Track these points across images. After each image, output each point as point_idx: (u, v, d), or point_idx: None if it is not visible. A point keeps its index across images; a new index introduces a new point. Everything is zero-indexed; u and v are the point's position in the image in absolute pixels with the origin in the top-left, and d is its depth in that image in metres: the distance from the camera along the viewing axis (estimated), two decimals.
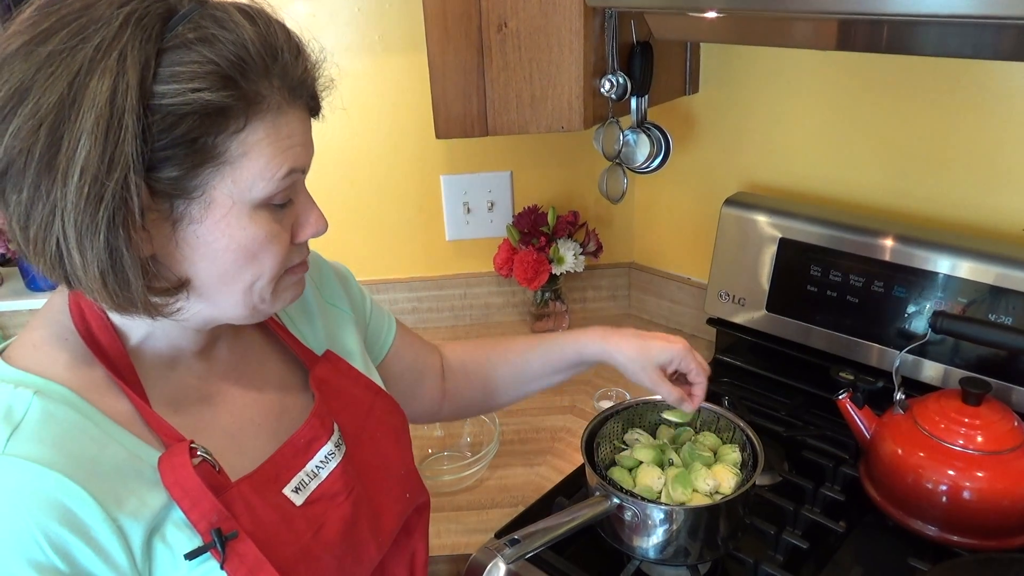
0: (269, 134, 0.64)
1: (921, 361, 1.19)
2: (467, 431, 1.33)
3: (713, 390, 1.37)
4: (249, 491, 0.71)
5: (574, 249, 1.60)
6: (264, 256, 0.68)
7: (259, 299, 0.71)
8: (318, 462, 0.78)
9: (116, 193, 0.58)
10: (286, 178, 0.66)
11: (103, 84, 0.57)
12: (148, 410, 0.69)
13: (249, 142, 0.63)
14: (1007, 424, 1.00)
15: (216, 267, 0.67)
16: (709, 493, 1.00)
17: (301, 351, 0.87)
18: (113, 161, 0.58)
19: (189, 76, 0.59)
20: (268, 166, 0.65)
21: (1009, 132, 1.15)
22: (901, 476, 1.03)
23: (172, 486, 0.66)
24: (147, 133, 0.59)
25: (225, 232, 0.65)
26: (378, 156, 1.61)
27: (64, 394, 0.65)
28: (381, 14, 1.49)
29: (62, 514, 0.60)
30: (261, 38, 0.63)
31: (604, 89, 1.22)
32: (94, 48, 0.58)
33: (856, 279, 1.24)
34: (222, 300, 0.70)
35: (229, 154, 0.63)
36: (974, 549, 1.00)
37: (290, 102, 0.66)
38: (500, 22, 1.16)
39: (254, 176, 0.64)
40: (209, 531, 0.66)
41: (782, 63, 1.35)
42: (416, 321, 1.75)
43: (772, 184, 1.44)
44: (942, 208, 1.25)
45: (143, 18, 0.59)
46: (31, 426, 0.62)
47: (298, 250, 0.74)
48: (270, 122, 0.64)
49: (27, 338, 0.70)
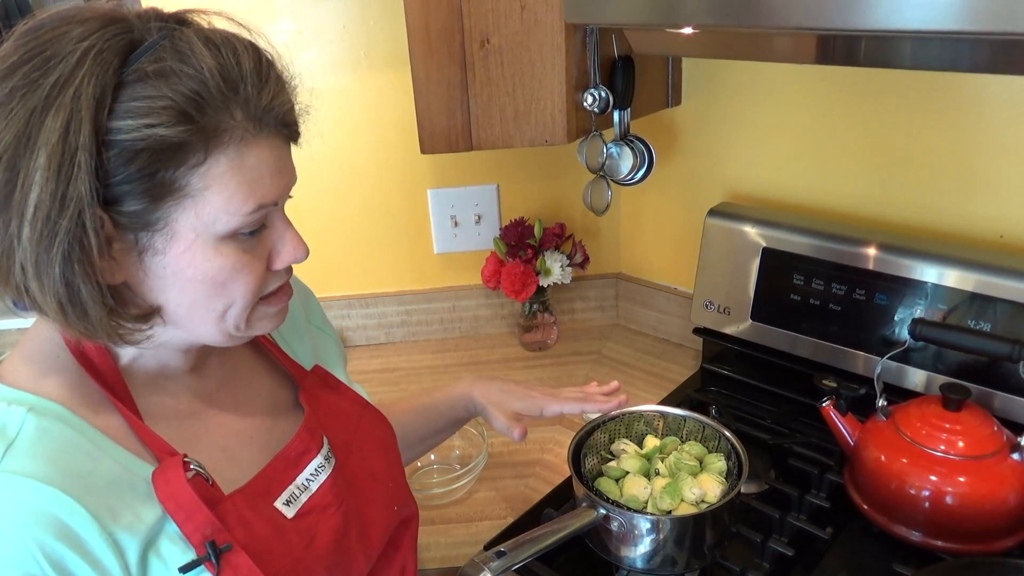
0: (232, 167, 0.63)
1: (904, 368, 1.20)
2: (456, 444, 1.33)
3: (700, 399, 1.39)
4: (242, 504, 0.71)
5: (561, 261, 1.61)
6: (233, 286, 0.68)
7: (233, 327, 0.71)
8: (308, 475, 0.79)
9: (70, 230, 0.59)
10: (254, 213, 0.66)
11: (57, 121, 0.57)
12: (141, 425, 0.70)
13: (211, 175, 0.63)
14: (987, 429, 1.02)
15: (185, 296, 0.67)
16: (695, 502, 1.01)
17: (291, 366, 0.88)
18: (66, 198, 0.58)
19: (144, 111, 0.59)
20: (232, 200, 0.64)
21: (986, 142, 1.17)
22: (884, 482, 1.04)
23: (166, 500, 0.67)
24: (103, 168, 0.59)
25: (191, 263, 0.65)
26: (365, 171, 1.62)
27: (57, 411, 0.66)
28: (366, 31, 1.50)
29: (59, 529, 0.61)
30: (222, 70, 0.62)
31: (587, 103, 1.23)
32: (52, 84, 0.58)
33: (838, 287, 1.25)
34: (195, 327, 0.70)
35: (190, 188, 0.62)
36: (957, 554, 1.01)
37: (256, 133, 0.65)
38: (483, 38, 1.17)
39: (217, 210, 0.64)
40: (203, 544, 0.66)
41: (763, 76, 1.37)
42: (406, 335, 1.76)
43: (755, 194, 1.46)
44: (922, 216, 1.27)
45: (101, 52, 0.59)
46: (25, 443, 0.63)
47: (276, 277, 0.73)
48: (233, 155, 0.63)
49: (18, 356, 0.71)
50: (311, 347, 0.94)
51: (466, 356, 1.69)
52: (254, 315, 0.72)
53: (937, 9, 0.76)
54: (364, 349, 1.75)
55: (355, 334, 1.76)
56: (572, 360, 1.64)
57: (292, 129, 0.70)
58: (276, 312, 0.75)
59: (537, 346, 1.68)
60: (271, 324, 0.75)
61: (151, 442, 0.70)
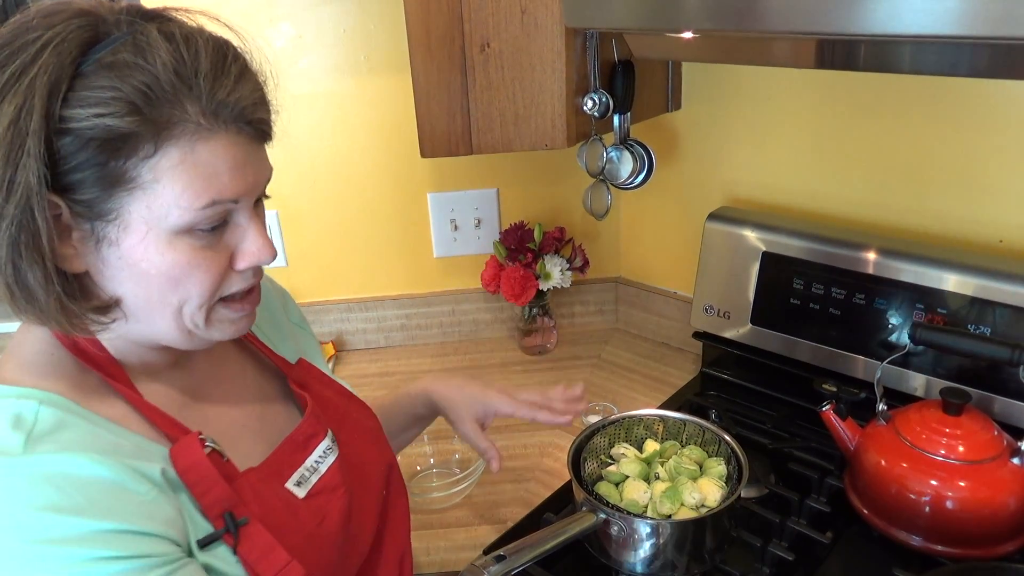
0: (184, 161, 0.63)
1: (904, 372, 1.20)
2: (456, 448, 1.33)
3: (700, 403, 1.39)
4: (256, 482, 0.73)
5: (561, 265, 1.61)
6: (188, 282, 0.67)
7: (192, 324, 0.70)
8: (317, 457, 0.81)
9: (16, 216, 0.60)
10: (207, 208, 0.65)
11: (10, 107, 0.59)
12: (150, 407, 0.71)
13: (161, 168, 0.62)
14: (987, 433, 1.02)
15: (140, 289, 0.67)
16: (695, 506, 1.01)
17: (276, 359, 0.89)
18: (14, 183, 0.59)
19: (95, 101, 0.60)
20: (184, 194, 0.63)
21: (986, 146, 1.17)
22: (885, 487, 1.04)
23: (185, 472, 0.68)
24: (58, 155, 0.60)
25: (144, 256, 0.65)
26: (365, 175, 1.62)
27: (66, 404, 0.66)
28: (366, 35, 1.50)
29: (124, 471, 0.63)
30: (175, 64, 0.62)
31: (587, 107, 1.23)
32: (9, 74, 0.59)
33: (838, 292, 1.25)
34: (153, 322, 0.69)
35: (140, 179, 0.62)
36: (957, 558, 1.01)
37: (210, 127, 0.64)
38: (483, 42, 1.18)
39: (169, 203, 0.63)
40: (220, 517, 0.68)
41: (763, 80, 1.37)
42: (405, 338, 1.76)
43: (755, 199, 1.46)
44: (922, 221, 1.27)
45: (63, 43, 0.60)
46: (45, 431, 0.63)
47: (240, 278, 0.71)
48: (185, 148, 0.63)
49: (12, 360, 0.70)
50: (293, 343, 0.95)
51: (465, 360, 1.69)
52: (214, 316, 0.71)
53: (936, 14, 0.76)
54: (363, 353, 1.75)
55: (354, 338, 1.76)
56: (572, 364, 1.64)
57: (258, 127, 0.68)
58: (239, 318, 0.73)
59: (537, 350, 1.68)
60: (232, 329, 0.73)
61: (163, 423, 0.70)
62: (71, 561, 0.58)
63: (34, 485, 0.59)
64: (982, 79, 1.14)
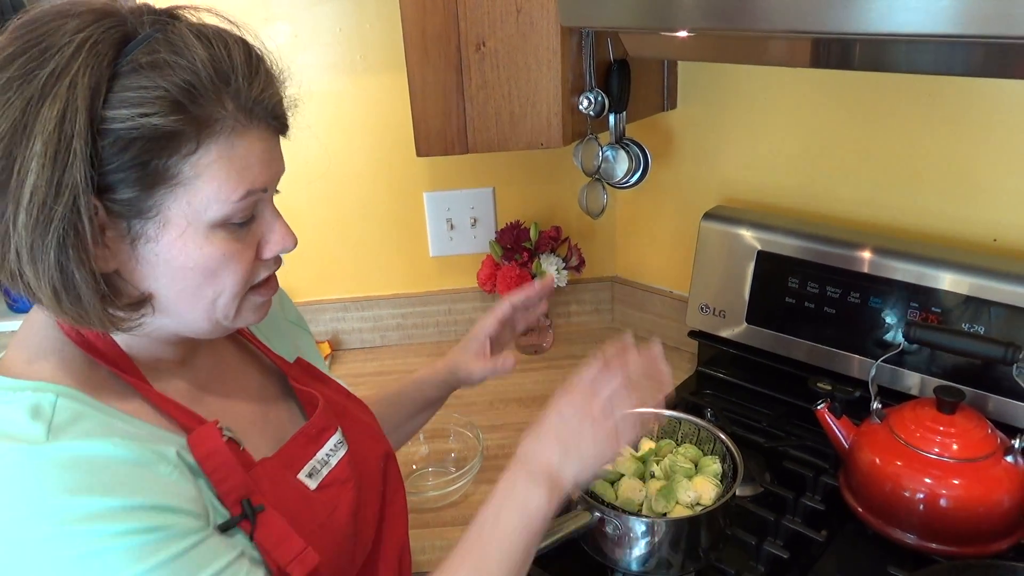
0: (223, 156, 0.65)
1: (898, 370, 1.20)
2: (452, 447, 1.33)
3: (695, 402, 1.39)
4: (271, 471, 0.75)
5: (557, 264, 1.61)
6: (224, 274, 0.69)
7: (222, 315, 0.72)
8: (328, 450, 0.82)
9: (65, 216, 0.60)
10: (243, 200, 0.67)
11: (53, 110, 0.59)
12: (164, 399, 0.72)
13: (202, 164, 0.64)
14: (981, 432, 1.02)
15: (176, 284, 0.68)
16: (690, 505, 1.01)
17: (275, 358, 0.90)
18: (61, 185, 0.59)
19: (138, 101, 0.60)
20: (222, 188, 0.65)
21: (980, 145, 1.17)
22: (879, 485, 1.05)
23: (204, 460, 0.69)
24: (97, 157, 0.60)
25: (182, 251, 0.66)
26: (361, 174, 1.62)
27: (81, 396, 0.67)
28: (362, 34, 1.50)
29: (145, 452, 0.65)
30: (214, 62, 0.64)
31: (582, 106, 1.24)
32: (48, 74, 0.59)
33: (833, 290, 1.25)
34: (185, 315, 0.71)
35: (182, 176, 0.64)
36: (951, 556, 1.01)
37: (246, 123, 0.66)
38: (478, 41, 1.18)
39: (209, 198, 0.65)
40: (239, 503, 0.69)
41: (759, 79, 1.37)
42: (401, 337, 1.76)
43: (750, 198, 1.46)
44: (917, 220, 1.27)
45: (97, 44, 0.60)
46: (64, 422, 0.64)
47: (264, 266, 0.74)
48: (224, 144, 0.65)
49: (17, 355, 0.71)
50: (291, 342, 0.96)
51: None
52: (244, 304, 0.73)
53: (931, 13, 0.76)
54: (359, 352, 1.75)
55: (350, 337, 1.76)
56: (568, 363, 1.64)
57: (281, 121, 0.71)
58: (263, 303, 0.76)
59: (533, 349, 1.69)
60: (256, 315, 0.76)
61: (178, 414, 0.71)
62: (101, 536, 0.59)
63: (62, 469, 0.60)
64: (976, 78, 1.14)
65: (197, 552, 0.63)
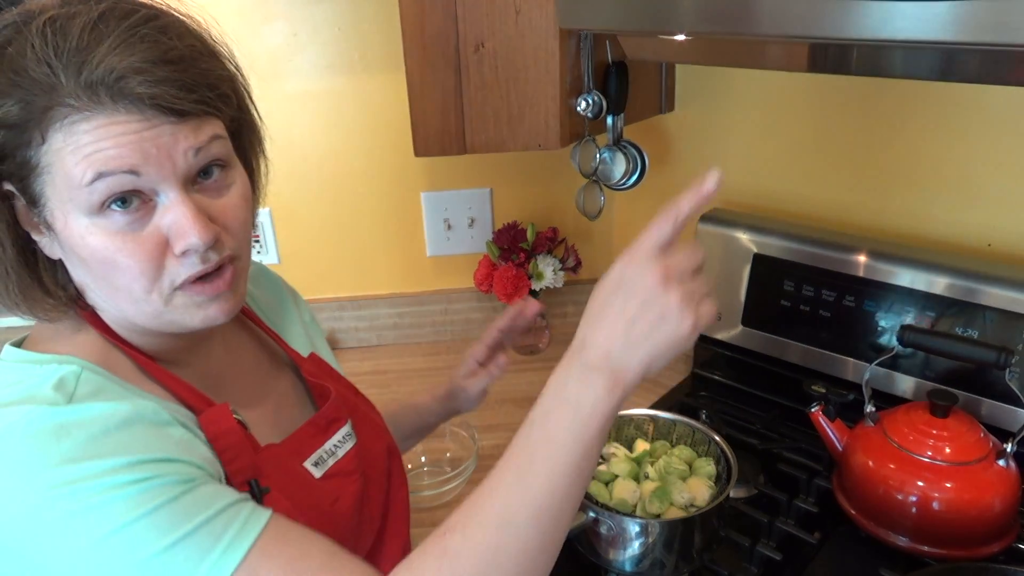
0: (68, 142, 0.61)
1: (892, 374, 1.21)
2: (447, 447, 1.33)
3: (690, 404, 1.39)
4: (277, 456, 0.76)
5: (553, 265, 1.61)
6: (122, 265, 0.65)
7: (153, 309, 0.67)
8: (336, 441, 0.83)
9: None
10: (95, 183, 0.61)
11: None
12: (178, 381, 0.73)
13: (52, 152, 0.62)
14: (974, 435, 1.02)
15: (88, 274, 0.67)
16: (684, 506, 1.01)
17: (291, 352, 0.91)
18: None
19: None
20: (71, 174, 0.61)
21: (976, 151, 1.18)
22: (872, 488, 1.05)
23: (215, 439, 0.70)
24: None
25: (77, 241, 0.64)
26: (359, 173, 1.62)
27: (102, 372, 0.68)
28: (361, 34, 1.50)
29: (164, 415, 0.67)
30: (45, 44, 0.60)
31: (580, 108, 1.24)
32: None
33: (828, 294, 1.26)
34: (121, 305, 0.69)
35: (42, 166, 0.63)
36: (943, 559, 1.02)
37: (93, 105, 0.60)
38: (477, 42, 1.18)
39: (66, 186, 0.62)
40: (246, 483, 0.70)
41: (756, 83, 1.38)
42: (398, 337, 1.76)
43: (747, 201, 1.46)
44: (911, 224, 1.28)
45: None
46: (86, 393, 0.65)
47: (181, 262, 0.66)
48: (67, 130, 0.61)
49: (42, 332, 0.72)
50: (307, 340, 0.98)
51: (457, 359, 1.67)
52: (177, 301, 0.68)
53: (927, 19, 0.77)
54: (355, 351, 1.75)
55: (346, 336, 1.76)
56: None
57: (153, 100, 0.62)
58: (203, 302, 0.69)
59: (529, 350, 1.69)
60: (201, 315, 0.69)
61: (189, 396, 0.72)
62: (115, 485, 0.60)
63: (81, 425, 0.61)
64: (972, 84, 1.15)
65: (200, 492, 0.64)
